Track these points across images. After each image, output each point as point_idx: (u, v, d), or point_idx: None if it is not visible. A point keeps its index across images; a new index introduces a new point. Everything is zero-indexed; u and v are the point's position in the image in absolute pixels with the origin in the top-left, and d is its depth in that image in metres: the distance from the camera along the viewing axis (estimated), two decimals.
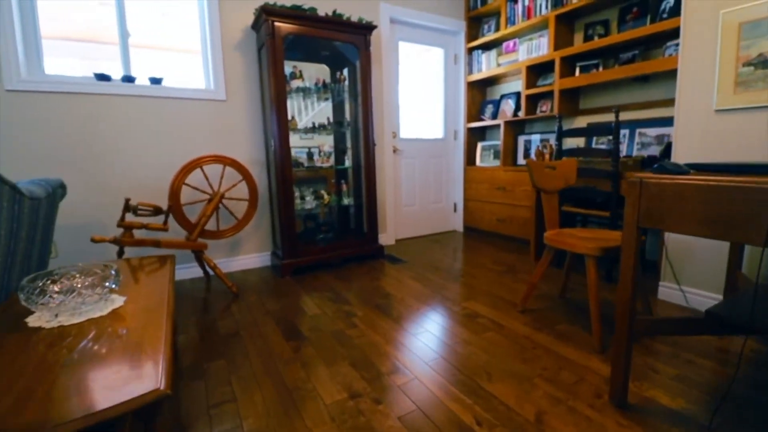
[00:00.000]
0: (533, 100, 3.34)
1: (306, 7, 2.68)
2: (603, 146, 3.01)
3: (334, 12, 2.80)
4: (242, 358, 1.65)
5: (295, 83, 2.82)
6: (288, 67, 2.82)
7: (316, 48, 2.99)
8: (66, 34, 2.41)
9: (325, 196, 2.95)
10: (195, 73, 2.75)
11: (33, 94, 2.22)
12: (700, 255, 2.03)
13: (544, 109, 3.26)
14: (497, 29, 3.64)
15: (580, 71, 3.01)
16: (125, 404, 0.71)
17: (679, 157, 2.05)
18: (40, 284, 1.10)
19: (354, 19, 2.97)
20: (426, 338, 1.79)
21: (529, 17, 3.22)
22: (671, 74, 2.55)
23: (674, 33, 2.43)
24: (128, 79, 2.47)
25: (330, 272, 2.79)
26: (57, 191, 1.70)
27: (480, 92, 3.99)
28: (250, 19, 2.81)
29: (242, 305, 2.22)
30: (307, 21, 2.62)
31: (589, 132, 2.48)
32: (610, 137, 2.92)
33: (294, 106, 3.04)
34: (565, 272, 2.21)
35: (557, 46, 3.03)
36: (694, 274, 2.06)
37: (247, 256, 2.95)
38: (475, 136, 4.00)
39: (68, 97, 2.30)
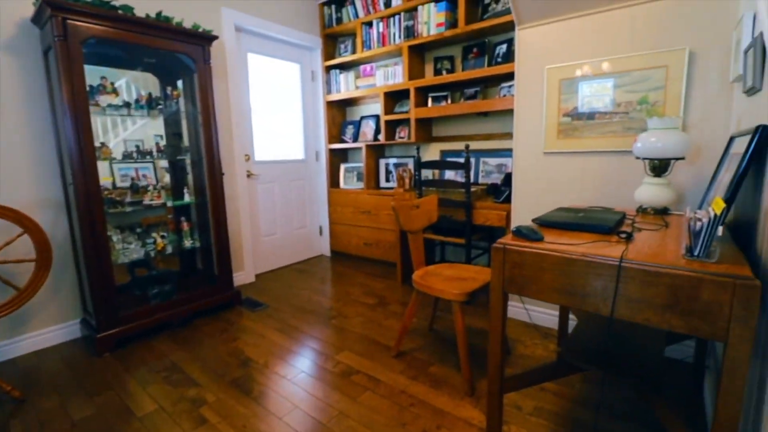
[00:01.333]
0: (392, 125, 3.38)
1: (117, 3, 2.10)
2: (453, 172, 3.21)
3: (159, 14, 2.27)
4: None
5: (106, 99, 2.18)
6: (94, 76, 2.16)
7: (137, 53, 2.38)
8: None
9: (158, 240, 2.38)
10: None
11: None
12: None
13: (402, 135, 3.33)
14: (354, 51, 3.57)
15: (432, 101, 3.15)
16: None
17: (518, 188, 2.27)
18: None
19: (188, 24, 2.47)
20: (297, 420, 1.53)
21: (384, 44, 3.23)
22: (506, 111, 2.85)
23: (507, 76, 2.72)
24: None
25: (170, 337, 2.26)
26: None
27: (340, 112, 3.87)
28: (28, 9, 2.05)
29: (31, 419, 1.57)
30: (118, 23, 2.04)
31: (444, 165, 2.58)
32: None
33: (107, 127, 2.37)
34: (433, 304, 2.23)
35: (411, 75, 3.11)
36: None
37: (41, 331, 2.16)
38: (337, 157, 3.87)
39: None
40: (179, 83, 2.61)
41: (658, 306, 0.96)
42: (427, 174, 3.35)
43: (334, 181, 3.84)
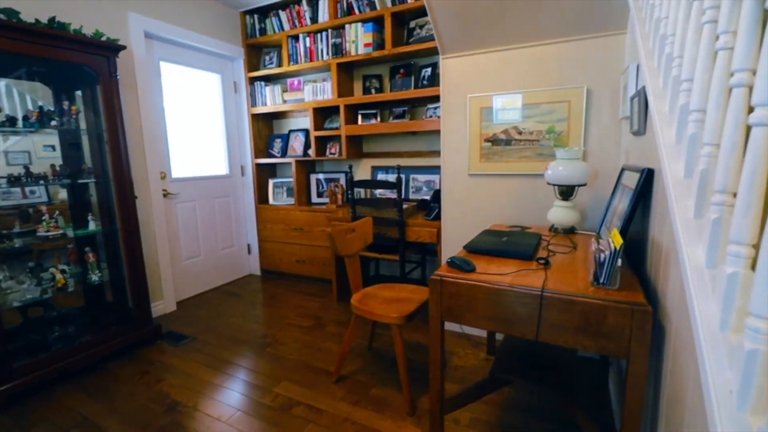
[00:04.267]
0: (322, 141, 3.35)
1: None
2: (387, 189, 3.29)
3: (53, 20, 1.99)
4: None
5: None
6: None
7: (24, 60, 2.05)
8: None
9: (58, 276, 2.08)
10: None
11: None
12: None
13: (333, 151, 3.32)
14: (280, 64, 3.47)
15: (362, 119, 3.19)
16: None
17: (446, 206, 2.40)
18: None
19: (89, 32, 2.20)
20: None
21: (311, 59, 3.19)
22: (432, 131, 3.00)
23: (433, 98, 2.86)
24: None
25: (78, 387, 1.98)
26: None
27: (266, 125, 3.74)
28: None
29: None
30: (2, 30, 1.75)
31: (377, 185, 2.63)
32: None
33: None
34: (372, 323, 2.26)
35: (341, 92, 3.12)
36: None
37: None
38: (265, 172, 3.72)
39: None
40: (78, 93, 2.31)
41: (573, 329, 1.09)
42: (359, 191, 3.38)
43: (262, 196, 3.69)
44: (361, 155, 3.34)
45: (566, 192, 1.84)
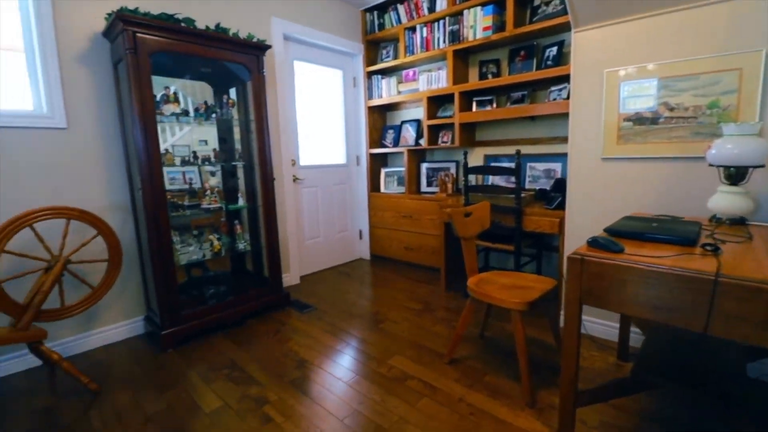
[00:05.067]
0: (434, 130, 3.38)
1: (180, 17, 2.20)
2: (499, 179, 3.17)
3: (218, 26, 2.37)
4: None
5: (169, 108, 2.29)
6: (158, 86, 2.28)
7: (194, 64, 2.49)
8: None
9: (215, 243, 2.47)
10: (14, 89, 2.02)
11: None
12: None
13: (445, 139, 3.32)
14: (396, 56, 3.59)
15: (477, 106, 3.12)
16: None
17: (573, 195, 2.21)
18: None
19: (242, 34, 2.56)
20: (358, 422, 1.55)
21: (427, 49, 3.23)
22: (554, 115, 2.79)
23: (558, 80, 2.66)
24: None
25: (227, 335, 2.34)
26: None
27: (381, 117, 3.91)
28: (100, 23, 2.18)
29: (108, 411, 1.66)
30: (182, 35, 2.14)
31: (493, 171, 2.55)
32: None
33: (168, 135, 2.48)
34: (485, 311, 2.21)
35: (456, 80, 3.10)
36: None
37: (110, 327, 2.29)
38: (378, 161, 3.90)
39: None
40: (232, 91, 2.70)
41: (758, 322, 0.92)
42: (471, 179, 3.32)
43: (374, 185, 3.87)
44: (474, 143, 3.28)
45: (735, 175, 1.54)
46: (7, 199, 1.92)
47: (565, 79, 2.62)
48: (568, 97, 2.56)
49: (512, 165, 2.79)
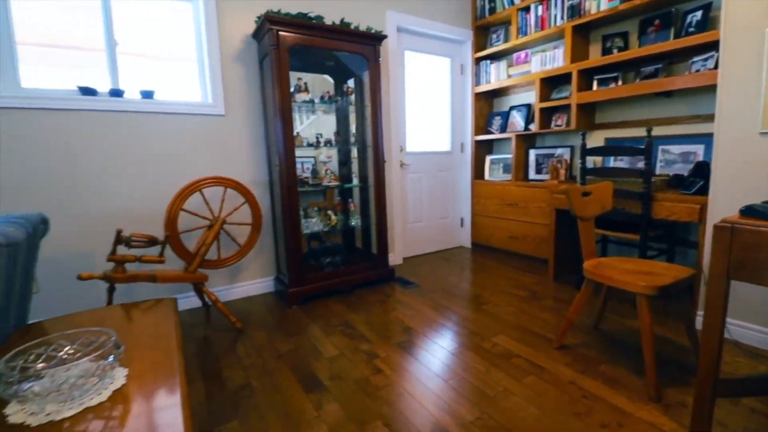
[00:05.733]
0: (547, 113, 3.21)
1: (312, 15, 2.48)
2: (621, 163, 2.89)
3: (342, 21, 2.62)
4: (257, 419, 1.44)
5: (300, 96, 2.61)
6: (292, 79, 2.61)
7: (319, 58, 2.79)
8: (43, 40, 2.13)
9: (333, 217, 2.74)
10: (189, 85, 2.52)
11: (7, 111, 1.96)
12: (743, 284, 1.90)
13: (559, 123, 3.14)
14: (507, 39, 3.50)
15: (598, 85, 2.89)
16: None
17: (719, 176, 1.92)
18: (21, 364, 0.88)
19: (361, 27, 2.78)
20: (462, 387, 1.61)
21: (542, 28, 3.09)
22: (696, 90, 2.44)
23: (702, 48, 2.33)
24: (116, 93, 2.22)
25: (340, 300, 2.59)
26: (38, 228, 1.46)
27: (487, 103, 3.85)
28: (250, 27, 2.59)
29: (249, 345, 1.99)
30: (314, 31, 2.42)
31: (618, 151, 2.35)
32: (625, 157, 2.81)
33: (296, 120, 2.83)
34: (602, 301, 2.06)
35: (574, 58, 2.91)
36: (736, 303, 1.93)
37: (249, 282, 2.72)
38: (482, 148, 3.85)
39: (48, 114, 2.05)
40: (350, 82, 2.95)
41: None
42: (588, 162, 3.08)
43: (478, 172, 3.84)
44: (593, 126, 3.03)
45: None
46: (182, 170, 2.42)
47: (711, 47, 2.28)
48: (715, 67, 2.22)
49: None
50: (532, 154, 3.45)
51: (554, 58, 3.06)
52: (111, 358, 0.94)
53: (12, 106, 1.96)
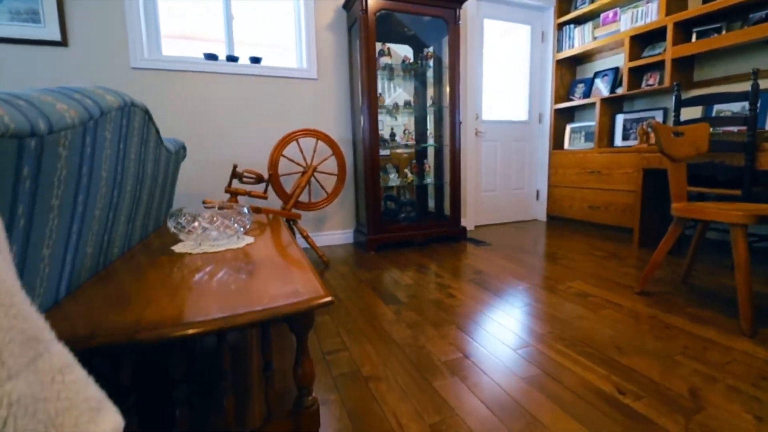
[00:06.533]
0: (636, 74, 3.04)
1: None
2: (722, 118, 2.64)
3: None
4: (346, 316, 1.65)
5: (384, 60, 2.81)
6: (376, 45, 2.83)
7: (399, 28, 2.97)
8: (177, 33, 2.60)
9: (409, 175, 2.91)
10: (288, 60, 2.85)
11: (152, 72, 2.43)
12: None
13: (651, 81, 2.96)
14: (593, 0, 3.37)
15: (697, 37, 2.67)
16: (295, 305, 0.70)
17: None
18: (189, 216, 1.17)
19: None
20: (534, 312, 1.66)
21: None
22: None
23: None
24: (232, 58, 2.62)
25: (413, 250, 2.75)
26: (180, 151, 1.83)
27: (569, 71, 3.73)
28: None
29: (335, 274, 2.24)
30: None
31: (718, 99, 2.18)
32: (733, 110, 2.56)
33: (379, 84, 3.04)
34: (690, 255, 1.95)
35: (669, 10, 2.73)
36: None
37: (332, 232, 3.00)
38: (562, 118, 3.74)
39: (181, 75, 2.49)
40: (431, 49, 3.09)
41: None
42: (683, 116, 2.87)
43: (557, 142, 3.74)
44: (691, 85, 2.82)
45: None
46: (282, 124, 2.76)
47: None
48: None
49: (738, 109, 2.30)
50: (619, 119, 3.28)
51: (648, 13, 2.89)
52: (245, 219, 1.20)
53: (155, 67, 2.43)
